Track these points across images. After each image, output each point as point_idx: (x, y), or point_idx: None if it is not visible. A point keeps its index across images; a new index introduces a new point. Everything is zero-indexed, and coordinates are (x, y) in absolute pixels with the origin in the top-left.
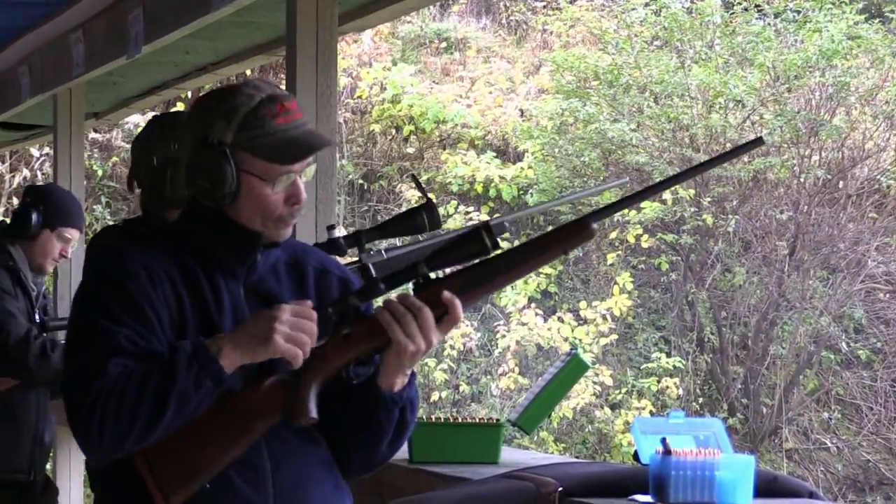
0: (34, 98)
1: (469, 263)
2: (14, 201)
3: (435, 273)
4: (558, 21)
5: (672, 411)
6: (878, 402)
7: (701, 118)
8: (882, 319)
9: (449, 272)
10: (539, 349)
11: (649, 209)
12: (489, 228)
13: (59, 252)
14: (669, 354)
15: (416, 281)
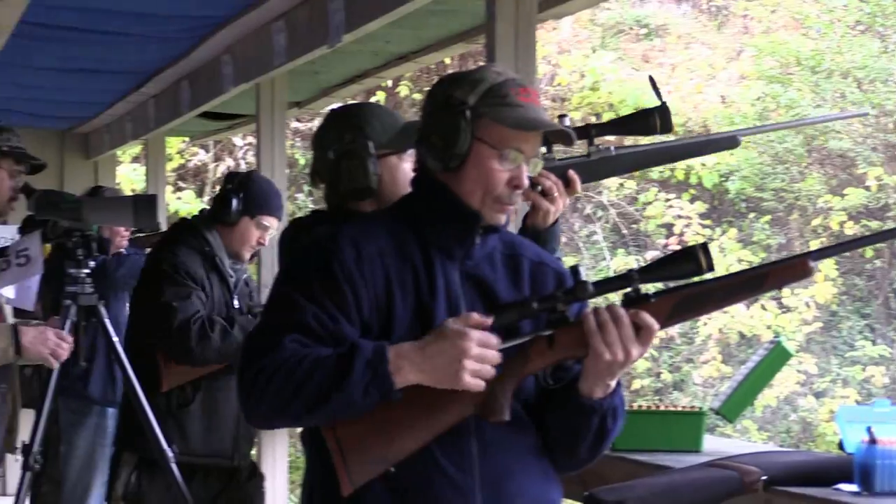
0: (237, 88)
1: (681, 282)
2: (218, 189)
3: (644, 287)
4: (760, 6)
5: (878, 400)
6: None
7: None
8: None
9: (662, 289)
10: (742, 337)
11: (853, 195)
12: (706, 249)
13: (257, 240)
14: (875, 343)
15: (627, 294)
